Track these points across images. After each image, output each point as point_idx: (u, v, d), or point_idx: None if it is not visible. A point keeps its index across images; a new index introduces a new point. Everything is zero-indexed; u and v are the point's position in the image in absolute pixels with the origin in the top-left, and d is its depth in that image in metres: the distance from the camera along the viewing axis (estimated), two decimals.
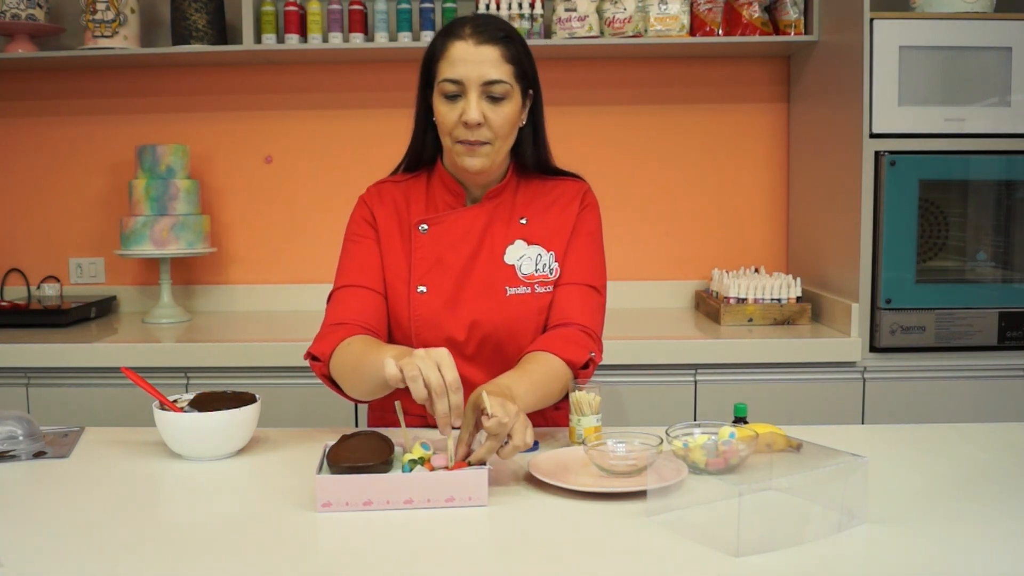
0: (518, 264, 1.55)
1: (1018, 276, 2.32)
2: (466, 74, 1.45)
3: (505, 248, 1.56)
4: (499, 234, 1.57)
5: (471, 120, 1.44)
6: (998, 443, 1.42)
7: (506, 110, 1.48)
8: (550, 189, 1.62)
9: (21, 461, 1.38)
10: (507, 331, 1.53)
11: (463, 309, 1.53)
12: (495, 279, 1.54)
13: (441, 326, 1.53)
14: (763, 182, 2.87)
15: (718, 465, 1.22)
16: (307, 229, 2.89)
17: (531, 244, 1.56)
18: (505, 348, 1.54)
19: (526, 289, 1.54)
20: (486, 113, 1.46)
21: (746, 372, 2.30)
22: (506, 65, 1.47)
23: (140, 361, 2.28)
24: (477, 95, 1.45)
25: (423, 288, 1.53)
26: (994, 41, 2.26)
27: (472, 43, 1.45)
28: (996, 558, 1.01)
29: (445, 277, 1.54)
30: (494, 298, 1.53)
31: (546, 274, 1.56)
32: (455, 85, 1.46)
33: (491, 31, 1.47)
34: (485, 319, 1.53)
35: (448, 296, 1.53)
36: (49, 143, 2.88)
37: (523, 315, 1.53)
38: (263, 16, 2.66)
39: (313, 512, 1.15)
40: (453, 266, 1.54)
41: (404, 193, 1.61)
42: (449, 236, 1.55)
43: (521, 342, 1.53)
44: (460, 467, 1.19)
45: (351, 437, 1.28)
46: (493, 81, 1.45)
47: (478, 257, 1.55)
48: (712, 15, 2.63)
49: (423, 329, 1.53)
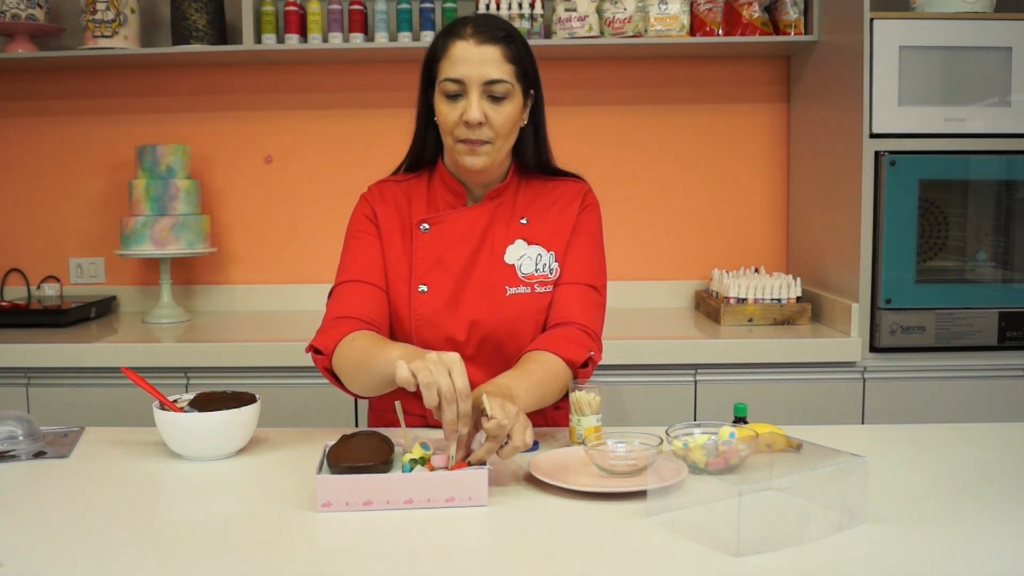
0: (518, 264, 1.56)
1: (1018, 276, 2.32)
2: (467, 73, 1.45)
3: (505, 248, 1.56)
4: (499, 234, 1.57)
5: (472, 119, 1.45)
6: (998, 443, 1.42)
7: (507, 110, 1.48)
8: (551, 189, 1.62)
9: (21, 461, 1.38)
10: (507, 331, 1.53)
11: (463, 308, 1.53)
12: (495, 279, 1.54)
13: (441, 325, 1.53)
14: (763, 182, 2.87)
15: (718, 465, 1.22)
16: (307, 229, 2.89)
17: (531, 244, 1.57)
18: (505, 348, 1.54)
19: (526, 289, 1.55)
20: (487, 112, 1.46)
21: (746, 372, 2.30)
22: (507, 65, 1.47)
23: (140, 361, 2.28)
24: (478, 94, 1.46)
25: (424, 287, 1.53)
26: (994, 41, 2.26)
27: (473, 43, 1.46)
28: (996, 558, 1.01)
29: (446, 276, 1.54)
30: (494, 298, 1.53)
31: (546, 274, 1.56)
32: (456, 84, 1.46)
33: (492, 31, 1.48)
34: (485, 318, 1.53)
35: (448, 296, 1.53)
36: (49, 143, 2.88)
37: (523, 315, 1.54)
38: (263, 16, 2.66)
39: (313, 512, 1.15)
40: (453, 266, 1.54)
41: (405, 192, 1.62)
42: (450, 235, 1.56)
43: (521, 342, 1.54)
44: (460, 467, 1.19)
45: (351, 437, 1.28)
46: (494, 81, 1.46)
47: (478, 257, 1.55)
48: (712, 15, 2.63)
49: (423, 328, 1.53)
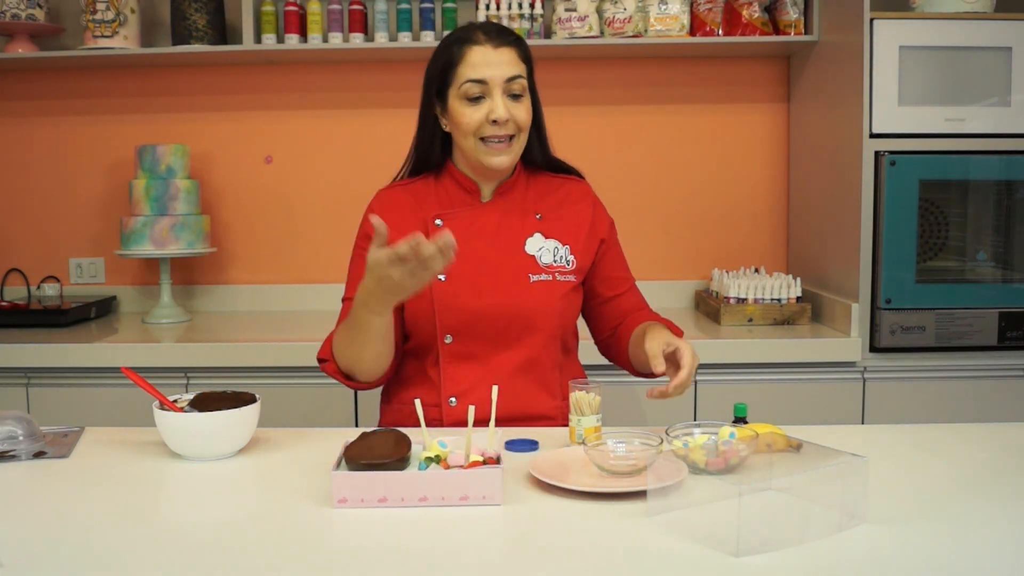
0: (538, 255, 1.63)
1: (1018, 276, 2.32)
2: (490, 75, 1.54)
3: (525, 240, 1.63)
4: (516, 227, 1.64)
5: (500, 117, 1.54)
6: (998, 443, 1.42)
7: (526, 105, 1.59)
8: (556, 187, 1.71)
9: (21, 461, 1.38)
10: (534, 314, 1.59)
11: (487, 293, 1.58)
12: (518, 267, 1.61)
13: (465, 308, 1.58)
14: (763, 182, 2.87)
15: (718, 465, 1.22)
16: (307, 229, 2.89)
17: (548, 238, 1.64)
18: (534, 330, 1.59)
19: (548, 277, 1.62)
20: (510, 109, 1.56)
21: (746, 372, 2.30)
22: (521, 64, 1.59)
23: (140, 361, 2.28)
24: (501, 93, 1.54)
25: (442, 276, 1.58)
26: (994, 41, 2.26)
27: (491, 46, 1.56)
28: (996, 558, 1.01)
29: (465, 266, 1.57)
30: (519, 283, 1.60)
31: (563, 265, 1.64)
32: (479, 86, 1.55)
33: (504, 34, 1.59)
34: (513, 302, 1.58)
35: (470, 283, 1.59)
36: (49, 143, 2.88)
37: (548, 300, 1.60)
38: (263, 16, 2.66)
39: (327, 508, 1.16)
40: (472, 256, 1.59)
41: (413, 194, 1.67)
42: (466, 229, 1.61)
43: (546, 324, 1.60)
44: (475, 466, 1.20)
45: (370, 435, 1.29)
46: (514, 78, 1.55)
47: (496, 248, 1.62)
48: (712, 15, 2.63)
49: (446, 313, 1.58)
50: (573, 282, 1.64)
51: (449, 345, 1.58)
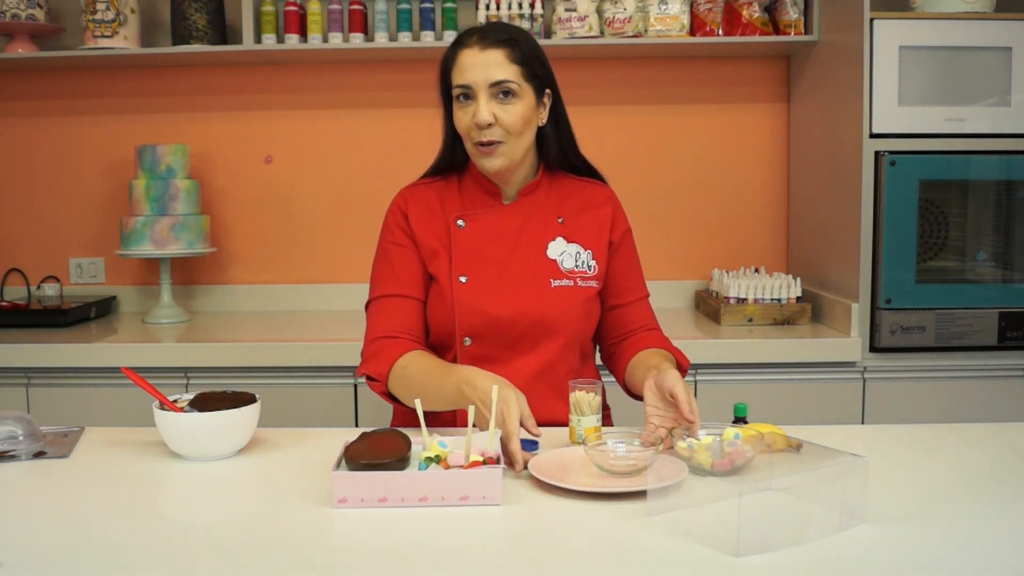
0: (560, 259, 1.61)
1: (1018, 276, 2.32)
2: (473, 78, 1.52)
3: (547, 244, 1.62)
4: (538, 231, 1.62)
5: (481, 121, 1.51)
6: (998, 443, 1.42)
7: (516, 108, 1.53)
8: (579, 191, 1.68)
9: (21, 461, 1.38)
10: (554, 319, 1.58)
11: (507, 297, 1.57)
12: (539, 271, 1.59)
13: (485, 311, 1.56)
14: (763, 182, 2.87)
15: (724, 467, 1.22)
16: (307, 229, 2.89)
17: (570, 242, 1.63)
18: (554, 334, 1.58)
19: (569, 282, 1.60)
20: (496, 113, 1.52)
21: (746, 372, 2.30)
22: (512, 66, 1.53)
23: (140, 361, 2.28)
24: (486, 96, 1.52)
25: (463, 278, 1.57)
26: (994, 41, 2.26)
27: (478, 49, 1.53)
28: (996, 558, 1.01)
29: (486, 269, 1.58)
30: (540, 288, 1.58)
31: (585, 270, 1.62)
32: (465, 90, 1.53)
33: (495, 35, 1.55)
34: (533, 307, 1.57)
35: (490, 285, 1.57)
36: (49, 143, 2.88)
37: (568, 306, 1.59)
38: (263, 16, 2.66)
39: (327, 508, 1.16)
40: (493, 259, 1.58)
41: (437, 192, 1.66)
42: (487, 231, 1.60)
43: (568, 329, 1.58)
44: (475, 466, 1.20)
45: (370, 434, 1.29)
46: (499, 81, 1.52)
47: (518, 251, 1.60)
48: (712, 15, 2.63)
49: (466, 315, 1.56)
50: (594, 288, 1.62)
51: (467, 348, 1.57)
